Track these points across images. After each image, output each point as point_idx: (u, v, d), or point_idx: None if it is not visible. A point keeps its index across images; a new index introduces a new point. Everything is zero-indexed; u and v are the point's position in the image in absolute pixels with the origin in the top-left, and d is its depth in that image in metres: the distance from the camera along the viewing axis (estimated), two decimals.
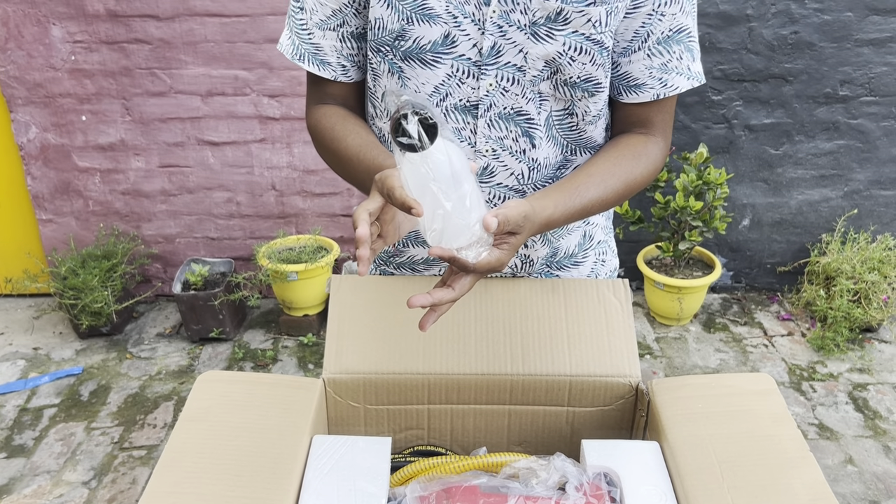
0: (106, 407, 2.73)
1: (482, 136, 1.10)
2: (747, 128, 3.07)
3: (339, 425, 1.15)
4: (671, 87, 1.08)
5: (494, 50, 1.03)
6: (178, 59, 2.91)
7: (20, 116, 2.99)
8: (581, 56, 1.02)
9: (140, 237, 3.21)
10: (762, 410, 1.02)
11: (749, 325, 3.17)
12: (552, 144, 1.12)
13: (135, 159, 3.08)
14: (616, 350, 1.15)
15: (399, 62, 1.07)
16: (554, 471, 0.96)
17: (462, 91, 1.07)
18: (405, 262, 1.28)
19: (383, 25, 1.04)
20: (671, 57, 1.06)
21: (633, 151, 1.11)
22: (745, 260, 3.32)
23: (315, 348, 3.02)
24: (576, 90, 1.06)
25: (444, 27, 1.02)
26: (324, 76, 1.12)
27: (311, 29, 1.09)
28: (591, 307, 1.21)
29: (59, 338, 3.13)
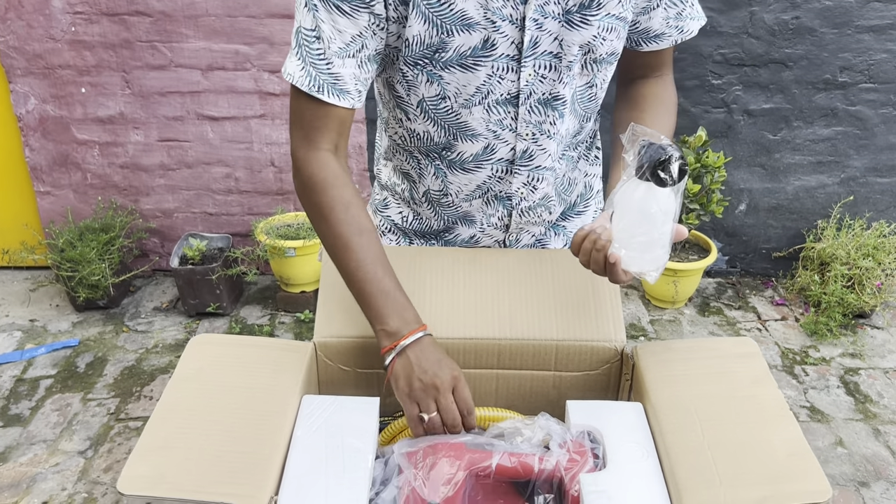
0: (102, 378, 2.74)
1: (523, 121, 1.14)
2: (746, 113, 3.07)
3: (329, 388, 1.17)
4: (687, 32, 1.17)
5: (532, 43, 1.06)
6: (179, 33, 2.91)
7: (19, 87, 2.99)
8: (610, 34, 1.09)
9: (138, 211, 3.22)
10: (744, 372, 1.03)
11: (743, 309, 3.18)
12: (573, 117, 1.19)
13: (134, 133, 3.08)
14: (602, 316, 1.16)
15: (439, 71, 1.07)
16: (538, 429, 0.97)
17: (503, 86, 1.10)
18: (452, 239, 1.33)
19: (421, 41, 1.04)
20: (685, 6, 1.15)
21: (664, 105, 1.21)
22: (741, 245, 3.33)
23: (311, 325, 3.04)
24: (601, 65, 1.13)
25: (483, 33, 1.04)
26: (343, 105, 1.06)
27: (330, 58, 1.03)
28: (577, 276, 1.22)
29: (55, 310, 3.14)
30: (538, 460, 0.92)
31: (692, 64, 2.99)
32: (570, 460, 0.92)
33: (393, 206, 1.35)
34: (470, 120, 1.13)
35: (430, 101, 1.12)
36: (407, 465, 0.94)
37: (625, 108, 1.22)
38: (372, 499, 0.90)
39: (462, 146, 1.17)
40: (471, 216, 1.28)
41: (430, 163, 1.22)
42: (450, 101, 1.11)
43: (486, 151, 1.17)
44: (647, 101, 1.21)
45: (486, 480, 0.94)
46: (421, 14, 1.02)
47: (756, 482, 0.85)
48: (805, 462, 0.86)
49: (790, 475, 0.85)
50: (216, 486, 0.87)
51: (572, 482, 0.89)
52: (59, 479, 2.29)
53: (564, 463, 0.92)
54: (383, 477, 0.96)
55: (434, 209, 1.29)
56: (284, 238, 2.97)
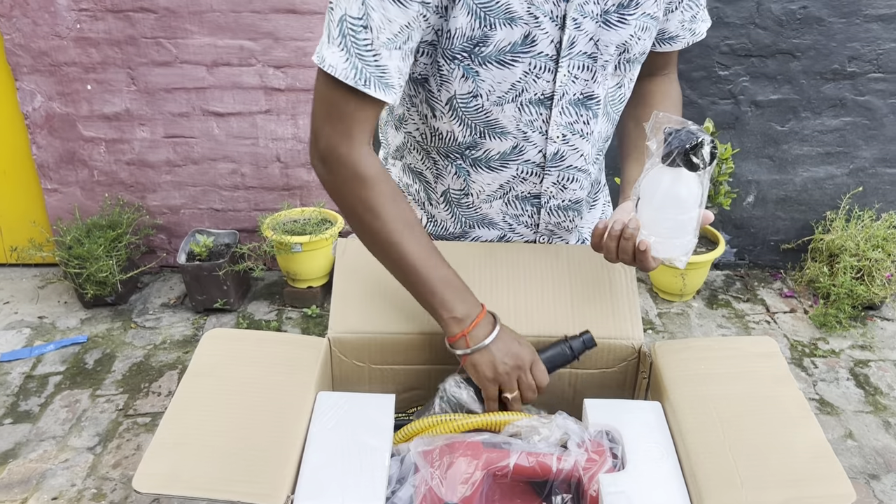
0: (111, 375, 2.75)
1: (554, 124, 1.13)
2: (754, 104, 3.06)
3: (343, 384, 1.16)
4: (698, 34, 1.21)
5: (569, 42, 1.05)
6: (184, 29, 2.90)
7: (25, 85, 2.98)
8: (645, 34, 1.10)
9: (145, 208, 3.22)
10: (764, 372, 1.02)
11: (752, 301, 3.17)
12: (605, 119, 1.18)
13: (140, 129, 3.08)
14: (619, 313, 1.16)
15: (476, 67, 1.06)
16: (556, 428, 0.96)
17: (538, 86, 1.09)
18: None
19: (462, 34, 1.02)
20: (698, 9, 1.18)
21: (673, 103, 1.24)
22: (749, 237, 3.32)
23: (319, 320, 3.04)
24: (633, 64, 1.13)
25: (524, 28, 1.02)
26: (387, 100, 1.01)
27: (378, 50, 0.97)
28: (594, 272, 1.21)
29: (64, 307, 3.14)
30: (556, 460, 0.92)
31: (699, 55, 2.98)
32: (588, 460, 0.91)
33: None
34: (501, 118, 1.11)
35: (461, 98, 1.10)
36: (423, 463, 0.94)
37: (632, 105, 1.23)
38: (388, 497, 0.90)
39: (490, 144, 1.15)
40: (489, 218, 1.26)
41: (450, 162, 1.20)
42: (481, 100, 1.09)
43: (515, 151, 1.16)
44: (656, 98, 1.23)
45: (504, 480, 0.94)
46: (466, 6, 1.00)
47: (778, 485, 0.84)
48: (828, 465, 0.86)
49: (813, 478, 0.84)
50: (232, 485, 0.86)
51: (591, 482, 0.89)
52: (68, 475, 2.29)
53: (583, 463, 0.91)
54: (399, 475, 0.96)
55: (451, 210, 1.27)
56: (291, 234, 2.97)
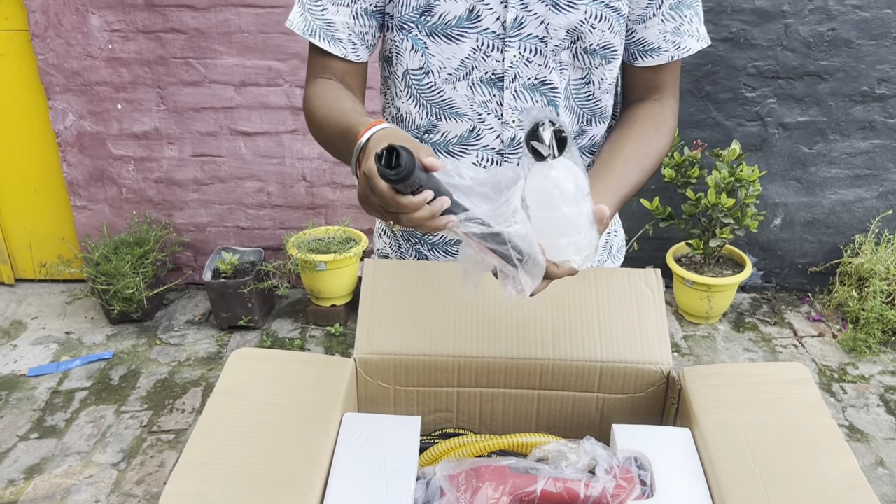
0: (135, 391, 2.76)
1: (508, 107, 1.12)
2: (781, 126, 3.04)
3: (369, 405, 1.16)
4: (684, 49, 1.13)
5: (517, 22, 1.06)
6: (213, 49, 2.94)
7: (58, 104, 3.03)
8: (601, 23, 1.06)
9: (172, 225, 3.25)
10: (796, 399, 1.01)
11: (779, 325, 3.13)
12: (569, 113, 1.16)
13: (168, 148, 3.12)
14: (647, 337, 1.14)
15: (424, 38, 1.09)
16: (584, 454, 0.95)
17: (487, 64, 1.09)
18: (438, 242, 1.29)
19: (408, 2, 1.06)
20: (683, 21, 1.11)
21: (654, 124, 1.16)
22: (776, 259, 3.28)
23: (342, 338, 3.04)
24: (594, 58, 1.10)
25: (468, 2, 1.05)
26: (334, 52, 1.10)
27: (325, 4, 1.08)
28: (621, 295, 1.20)
29: (90, 323, 3.17)
30: (584, 486, 0.91)
31: (725, 77, 2.97)
32: (616, 486, 0.90)
33: None
34: (454, 97, 1.12)
35: (413, 74, 1.12)
36: (449, 487, 0.93)
37: (613, 129, 1.19)
38: None
39: (446, 125, 1.15)
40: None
41: None
42: (433, 77, 1.11)
43: (472, 135, 1.15)
44: (636, 120, 1.16)
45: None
46: None
47: None
48: (863, 495, 0.84)
49: None
50: None
51: None
52: (92, 490, 2.30)
53: (611, 489, 0.90)
54: (424, 499, 0.95)
55: None
56: (316, 252, 2.98)
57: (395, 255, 1.37)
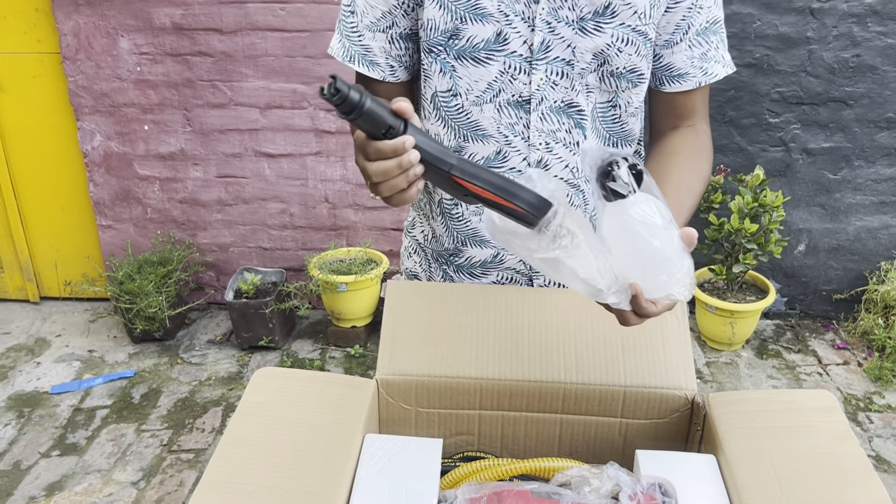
0: (156, 410, 2.77)
1: (535, 129, 1.13)
2: (805, 151, 3.02)
3: (390, 426, 1.16)
4: (711, 75, 1.15)
5: (544, 45, 1.07)
6: (239, 72, 2.98)
7: (86, 125, 3.08)
8: (627, 47, 1.07)
9: (195, 245, 3.28)
10: (823, 427, 0.99)
11: (803, 352, 3.09)
12: (596, 136, 1.17)
13: (193, 169, 3.15)
14: (671, 362, 1.13)
15: (452, 61, 1.10)
16: (607, 479, 0.94)
17: (514, 87, 1.10)
18: (464, 264, 1.29)
19: (436, 26, 1.07)
20: (710, 47, 1.13)
21: (694, 150, 1.17)
22: (800, 286, 3.25)
23: (362, 360, 3.04)
24: (621, 81, 1.11)
25: (496, 25, 1.06)
26: (373, 76, 1.13)
27: (362, 31, 1.10)
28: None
29: (113, 341, 3.20)
30: None
31: (749, 102, 2.96)
32: None
33: (418, 223, 1.35)
34: (481, 119, 1.13)
35: (442, 96, 1.13)
36: None
37: (649, 161, 1.19)
38: None
39: (473, 147, 1.16)
40: (480, 234, 1.25)
41: None
42: (461, 99, 1.12)
43: (499, 157, 1.16)
44: (675, 148, 1.17)
45: None
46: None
47: None
48: None
49: None
50: None
51: None
52: None
53: None
54: None
55: (445, 224, 1.27)
56: (337, 273, 2.99)
57: (424, 275, 1.37)
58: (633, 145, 1.21)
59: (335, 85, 0.76)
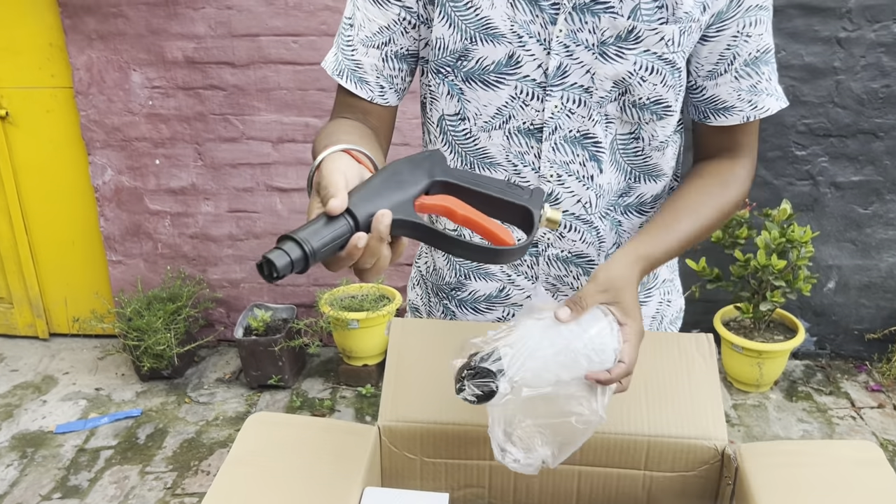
0: (161, 451, 2.69)
1: (546, 160, 1.05)
2: (833, 185, 2.92)
3: (393, 477, 1.07)
4: (761, 109, 1.04)
5: (560, 70, 0.99)
6: (251, 106, 2.95)
7: (97, 159, 3.06)
8: (652, 76, 0.98)
9: (206, 281, 3.23)
10: (867, 482, 0.89)
11: (835, 394, 2.96)
12: (615, 169, 1.07)
13: (204, 203, 3.11)
14: (699, 410, 1.04)
15: (460, 84, 1.03)
16: None
17: (526, 113, 1.02)
18: (467, 298, 1.21)
19: (444, 45, 1.01)
20: (760, 78, 1.02)
21: (720, 178, 1.07)
22: (830, 325, 3.13)
23: (373, 399, 2.95)
24: (644, 112, 1.01)
25: (508, 47, 0.98)
26: (360, 95, 1.05)
27: (356, 45, 1.04)
28: (671, 362, 1.10)
29: (121, 379, 3.13)
30: None
31: (774, 134, 2.87)
32: None
33: (424, 254, 1.28)
34: (489, 146, 1.05)
35: (449, 120, 1.06)
36: None
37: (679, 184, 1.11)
38: None
39: None
40: (485, 268, 1.17)
41: None
42: (469, 124, 1.05)
43: None
44: (698, 173, 1.07)
45: None
46: (446, 15, 0.99)
47: None
48: None
49: None
50: None
51: None
52: None
53: None
54: None
55: (447, 255, 1.20)
56: (348, 310, 2.92)
57: (424, 308, 1.30)
58: (662, 180, 1.11)
59: (273, 266, 0.69)
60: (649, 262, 0.96)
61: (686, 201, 1.03)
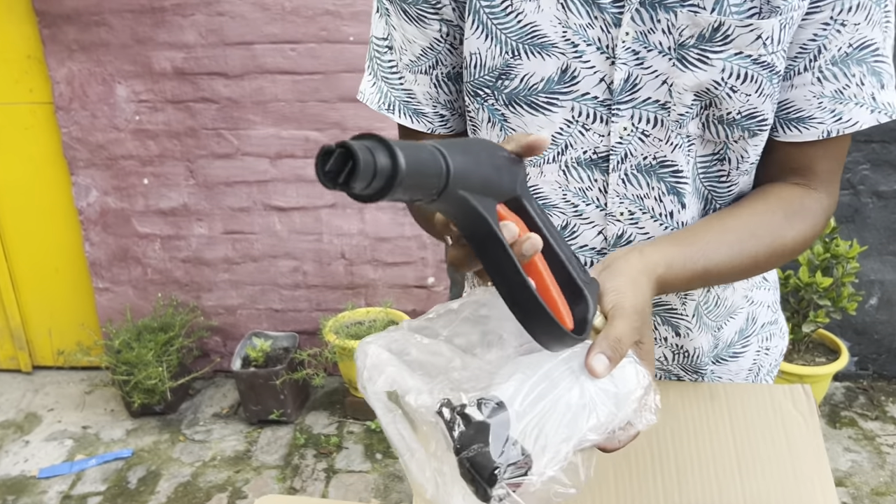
0: (154, 497, 2.47)
1: (615, 195, 0.83)
2: (875, 194, 2.73)
3: None
4: (847, 123, 0.81)
5: (629, 84, 0.78)
6: (247, 119, 2.74)
7: (81, 179, 2.85)
8: (745, 85, 0.76)
9: (200, 308, 3.01)
10: None
11: (881, 419, 2.75)
12: (697, 200, 0.86)
13: (197, 225, 2.90)
14: (803, 479, 0.87)
15: (502, 108, 0.82)
16: None
17: (587, 140, 0.81)
18: None
19: (482, 62, 0.80)
20: (849, 81, 0.80)
21: (785, 207, 0.84)
22: (873, 344, 2.92)
23: (383, 435, 2.72)
24: (733, 130, 0.80)
25: (560, 59, 0.77)
26: (419, 129, 0.89)
27: (402, 72, 0.87)
28: (765, 421, 0.92)
29: (110, 415, 2.91)
30: None
31: None
32: None
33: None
34: (541, 183, 0.85)
35: None
36: None
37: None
38: None
39: None
40: None
41: None
42: None
43: (566, 233, 0.87)
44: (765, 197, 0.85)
45: None
46: (480, 24, 0.79)
47: None
48: None
49: None
50: None
51: None
52: None
53: None
54: None
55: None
56: (355, 338, 2.70)
57: None
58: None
59: (354, 158, 0.45)
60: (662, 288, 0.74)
61: (735, 223, 0.82)
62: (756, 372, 1.01)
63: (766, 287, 1.00)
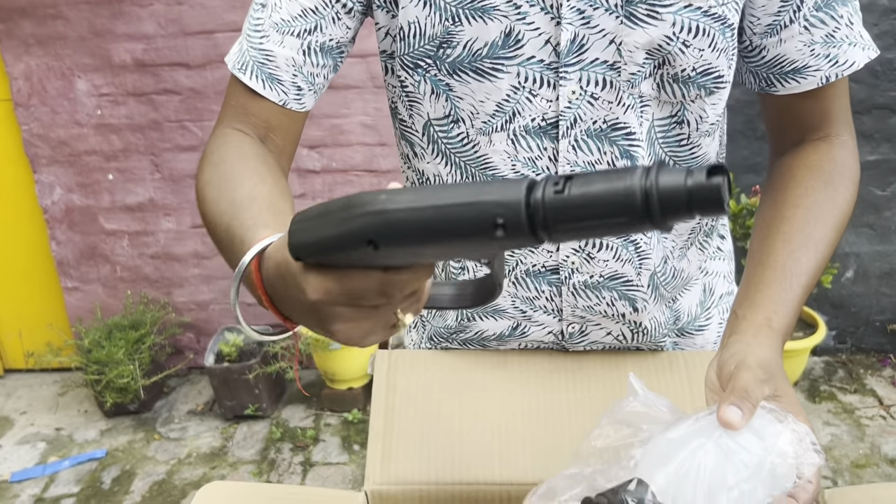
0: (129, 496, 2.44)
1: (565, 162, 0.80)
2: None
3: None
4: (844, 65, 0.80)
5: (576, 45, 0.74)
6: (210, 110, 2.71)
7: (44, 177, 2.80)
8: (697, 39, 0.74)
9: (171, 304, 2.97)
10: None
11: (860, 392, 2.75)
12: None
13: (165, 220, 2.86)
14: None
15: (446, 78, 0.78)
16: None
17: (535, 107, 0.78)
18: (473, 338, 0.96)
19: (421, 31, 0.76)
20: (838, 24, 0.79)
21: (819, 176, 0.81)
22: (850, 317, 2.92)
23: (361, 426, 2.70)
24: (689, 88, 0.77)
25: (503, 22, 0.74)
26: (269, 97, 0.80)
27: (266, 30, 0.79)
28: None
29: (83, 416, 2.87)
30: None
31: None
32: None
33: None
34: (490, 153, 0.81)
35: (438, 125, 0.82)
36: None
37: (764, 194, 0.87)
38: None
39: None
40: (494, 304, 0.92)
41: None
42: (464, 127, 0.81)
43: None
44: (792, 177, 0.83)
45: None
46: None
47: None
48: None
49: None
50: None
51: None
52: None
53: None
54: None
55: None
56: None
57: None
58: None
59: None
60: (784, 335, 0.73)
61: (792, 230, 0.79)
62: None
63: (721, 257, 0.98)
